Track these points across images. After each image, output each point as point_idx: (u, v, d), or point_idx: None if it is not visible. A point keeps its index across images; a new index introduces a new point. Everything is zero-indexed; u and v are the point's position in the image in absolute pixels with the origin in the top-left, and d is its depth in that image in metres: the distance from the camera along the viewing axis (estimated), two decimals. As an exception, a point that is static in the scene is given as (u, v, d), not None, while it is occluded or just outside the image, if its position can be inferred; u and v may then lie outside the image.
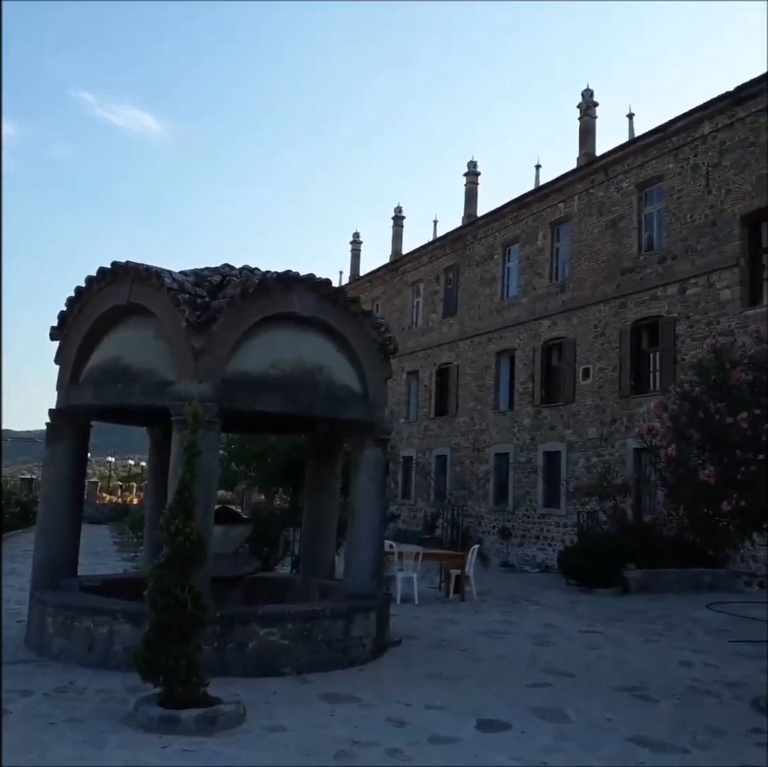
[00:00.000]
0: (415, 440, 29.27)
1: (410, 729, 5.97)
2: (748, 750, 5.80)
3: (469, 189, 29.03)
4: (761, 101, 17.63)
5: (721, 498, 6.62)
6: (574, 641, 10.00)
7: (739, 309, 17.57)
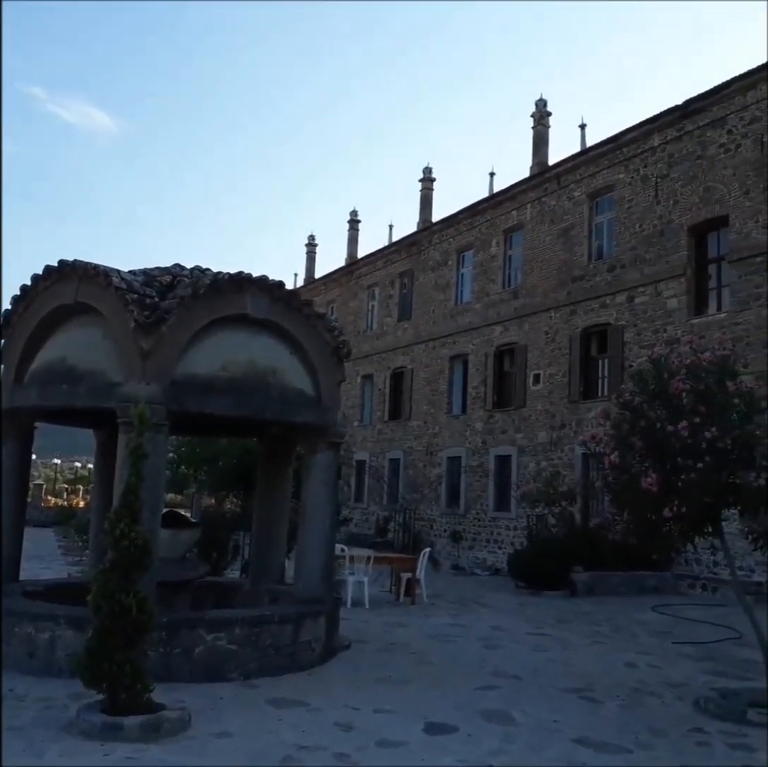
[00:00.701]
0: (369, 443, 29.30)
1: (358, 733, 5.96)
2: (689, 750, 5.93)
3: (425, 195, 29.21)
4: (708, 115, 18.12)
5: (662, 504, 6.76)
6: (522, 643, 10.10)
7: (686, 318, 18.01)
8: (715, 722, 6.65)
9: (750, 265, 16.85)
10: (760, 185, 16.84)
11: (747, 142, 17.24)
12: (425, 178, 29.37)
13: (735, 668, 9.01)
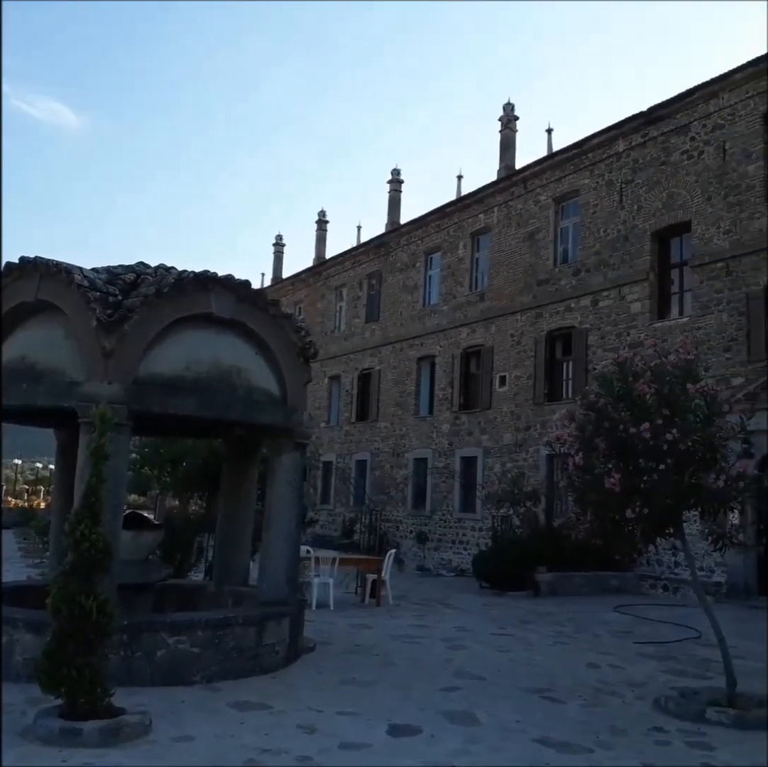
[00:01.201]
0: (336, 444, 29.24)
1: (321, 735, 5.93)
2: (648, 749, 6.00)
3: (393, 196, 29.27)
4: (672, 122, 18.42)
5: (625, 505, 6.85)
6: (486, 644, 10.15)
7: (649, 322, 18.27)
8: (674, 721, 6.73)
9: (711, 270, 17.15)
10: (721, 192, 17.16)
11: (709, 149, 17.56)
12: (393, 180, 29.43)
13: (695, 667, 9.14)
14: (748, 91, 16.91)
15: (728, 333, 16.61)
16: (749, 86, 16.89)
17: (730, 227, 16.89)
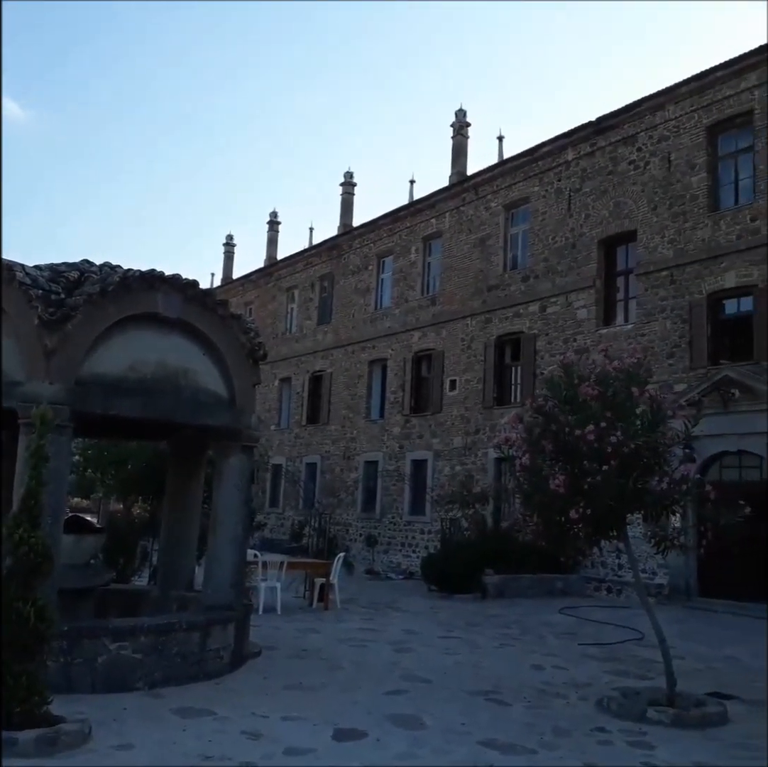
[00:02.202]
0: (286, 447, 29.06)
1: (265, 741, 5.87)
2: (591, 749, 6.08)
3: (345, 199, 29.27)
4: (620, 132, 18.81)
5: (569, 506, 6.95)
6: (433, 647, 10.18)
7: (594, 328, 18.61)
8: (616, 721, 6.85)
9: (656, 279, 17.55)
10: (666, 202, 17.58)
11: (655, 160, 17.97)
12: (346, 183, 29.43)
13: (637, 668, 9.32)
14: (693, 105, 17.37)
15: (671, 340, 17.02)
16: (693, 100, 17.35)
17: (675, 237, 17.31)
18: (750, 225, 16.02)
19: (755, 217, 15.95)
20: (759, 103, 16.21)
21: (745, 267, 15.97)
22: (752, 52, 16.27)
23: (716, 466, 16.00)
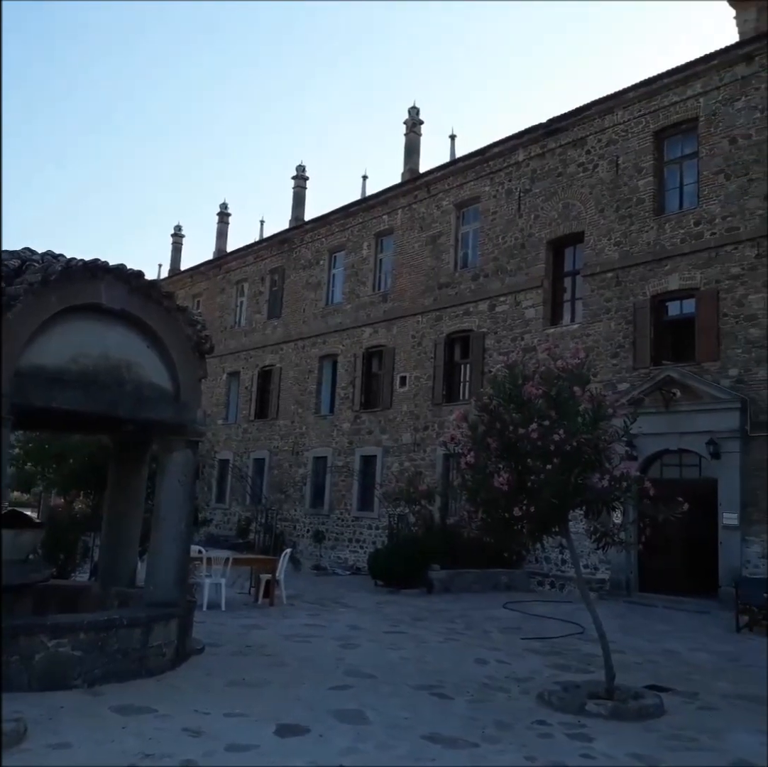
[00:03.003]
0: (234, 442, 28.78)
1: (207, 738, 5.81)
2: (532, 742, 6.16)
3: (297, 193, 29.09)
4: (569, 135, 19.09)
5: (513, 503, 7.04)
6: (378, 642, 10.21)
7: (542, 327, 18.88)
8: (557, 714, 6.96)
9: (602, 280, 17.88)
10: (613, 205, 17.91)
11: (603, 163, 18.29)
12: (298, 176, 29.25)
13: (577, 662, 9.48)
14: (641, 110, 17.72)
15: (616, 340, 17.37)
16: (642, 105, 17.71)
17: (621, 239, 17.65)
18: (693, 229, 16.43)
19: (699, 221, 16.37)
20: (704, 110, 16.63)
21: (688, 270, 16.38)
22: (698, 61, 16.68)
23: (657, 464, 16.40)
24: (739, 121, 16.01)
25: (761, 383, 14.94)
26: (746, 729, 6.75)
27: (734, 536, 14.83)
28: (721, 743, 6.34)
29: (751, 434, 14.91)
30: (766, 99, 15.68)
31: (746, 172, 15.76)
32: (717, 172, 16.24)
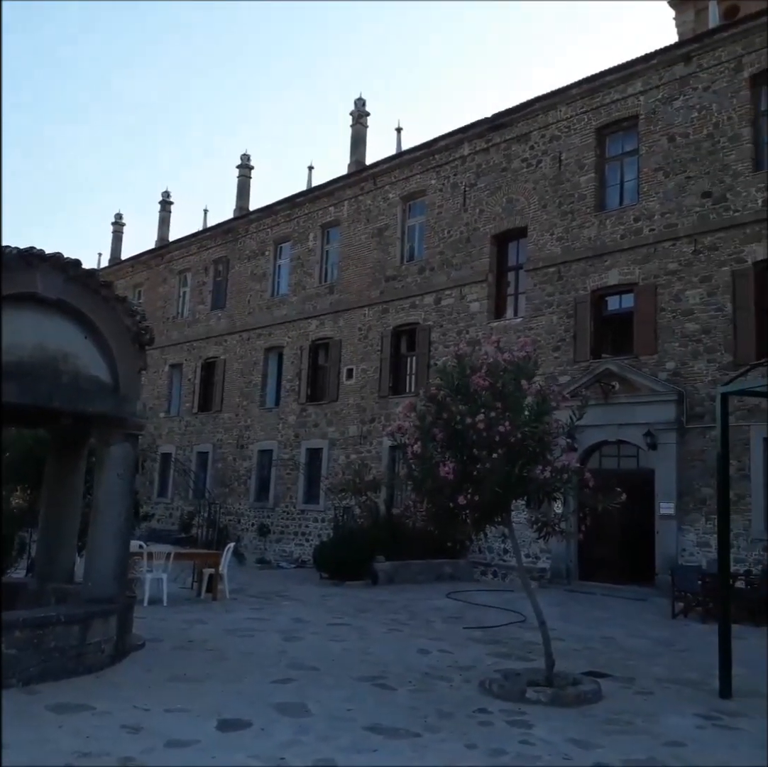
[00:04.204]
0: (176, 436, 28.34)
1: (146, 734, 5.73)
2: (473, 730, 6.24)
3: (242, 182, 28.75)
4: (514, 130, 19.27)
5: (458, 493, 7.12)
6: (322, 634, 10.20)
7: (486, 321, 19.07)
8: (498, 702, 7.06)
9: (544, 274, 18.14)
10: (555, 201, 18.17)
11: (547, 159, 18.53)
12: (243, 165, 28.89)
13: (518, 650, 9.64)
14: (583, 107, 18.00)
15: (557, 334, 17.66)
16: (584, 102, 17.98)
17: (563, 234, 17.92)
18: (633, 225, 16.78)
19: (638, 218, 16.72)
20: (644, 108, 16.98)
21: (627, 266, 16.73)
22: (638, 60, 17.01)
23: (597, 455, 16.76)
24: (678, 120, 16.40)
25: (697, 376, 15.37)
26: (679, 712, 6.97)
27: (670, 525, 15.26)
28: (655, 726, 6.52)
29: (687, 426, 15.35)
30: (703, 99, 16.09)
31: (684, 170, 16.16)
32: (656, 170, 16.61)
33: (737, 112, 15.58)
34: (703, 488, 14.85)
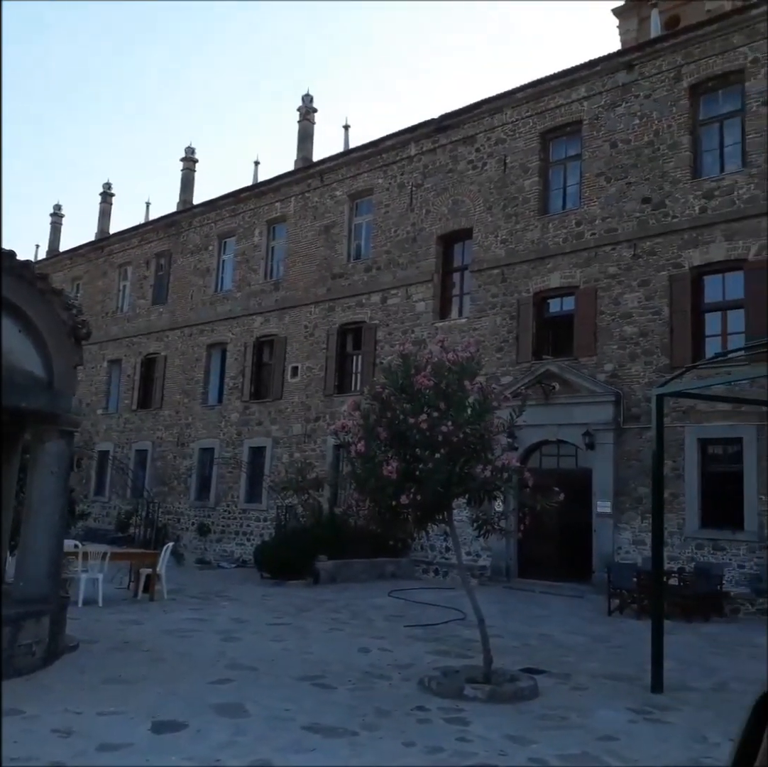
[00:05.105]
0: (114, 433, 27.74)
1: (77, 738, 5.59)
2: (411, 728, 6.26)
3: (186, 175, 28.32)
4: (460, 132, 19.42)
5: (401, 491, 7.13)
6: (262, 634, 10.11)
7: (431, 321, 19.18)
8: (436, 699, 7.11)
9: (488, 276, 18.33)
10: (500, 203, 18.37)
11: (492, 161, 18.72)
12: (187, 158, 28.46)
13: (458, 647, 9.71)
14: (528, 110, 18.24)
15: (500, 335, 17.86)
16: (529, 106, 18.22)
17: (507, 237, 18.13)
18: (575, 229, 17.08)
19: (580, 222, 17.02)
20: (587, 114, 17.29)
21: (569, 269, 17.02)
22: (582, 66, 17.31)
23: (537, 454, 17.01)
24: (620, 127, 16.75)
25: (634, 378, 15.73)
26: (613, 707, 7.12)
27: (607, 524, 15.59)
28: (589, 721, 6.65)
29: (624, 427, 15.69)
30: (644, 106, 16.47)
31: (625, 176, 16.51)
32: (598, 175, 16.93)
33: (677, 120, 16.00)
34: (639, 487, 15.20)
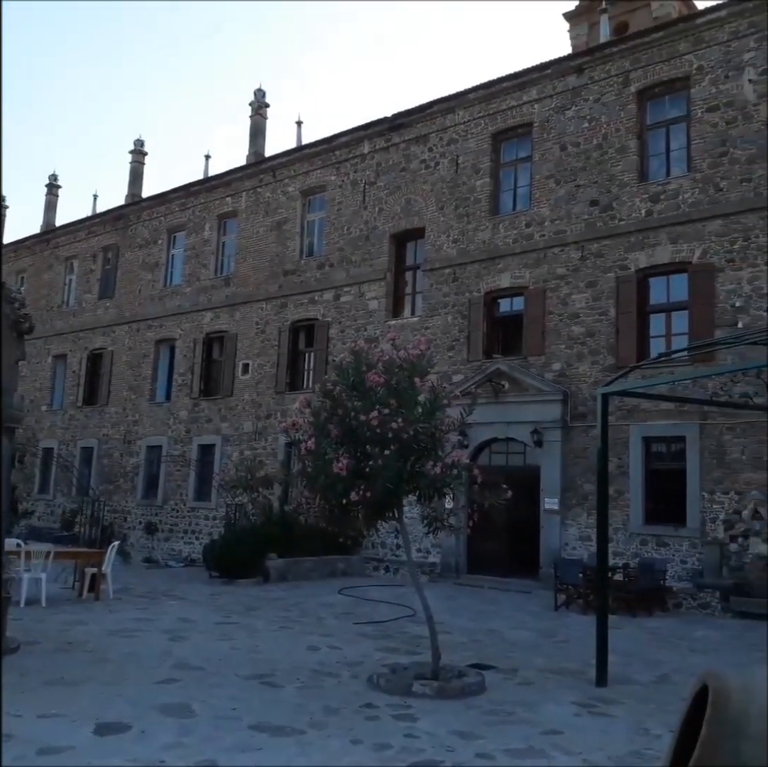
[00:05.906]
0: (59, 430, 27.12)
1: (17, 742, 5.45)
2: (359, 726, 6.26)
3: (135, 168, 27.85)
4: (413, 131, 19.47)
5: (351, 489, 7.13)
6: (209, 633, 10.00)
7: (384, 319, 19.20)
8: (384, 696, 7.12)
9: (440, 275, 18.42)
10: (452, 203, 18.48)
11: (444, 161, 18.81)
12: (136, 151, 27.98)
13: (407, 644, 9.76)
14: (480, 111, 18.37)
15: (452, 334, 17.97)
16: (481, 107, 18.36)
17: (458, 237, 18.25)
18: (525, 230, 17.27)
19: (530, 223, 17.22)
20: (538, 116, 17.49)
21: (518, 269, 17.21)
22: (533, 68, 17.51)
23: (486, 452, 17.17)
24: (569, 130, 16.99)
25: (581, 377, 15.99)
26: (558, 701, 7.22)
27: (554, 520, 15.82)
28: (535, 715, 6.74)
29: (571, 425, 15.94)
30: (594, 110, 16.74)
31: (574, 179, 16.76)
32: (548, 177, 17.15)
33: (624, 124, 16.29)
34: (585, 484, 15.46)
